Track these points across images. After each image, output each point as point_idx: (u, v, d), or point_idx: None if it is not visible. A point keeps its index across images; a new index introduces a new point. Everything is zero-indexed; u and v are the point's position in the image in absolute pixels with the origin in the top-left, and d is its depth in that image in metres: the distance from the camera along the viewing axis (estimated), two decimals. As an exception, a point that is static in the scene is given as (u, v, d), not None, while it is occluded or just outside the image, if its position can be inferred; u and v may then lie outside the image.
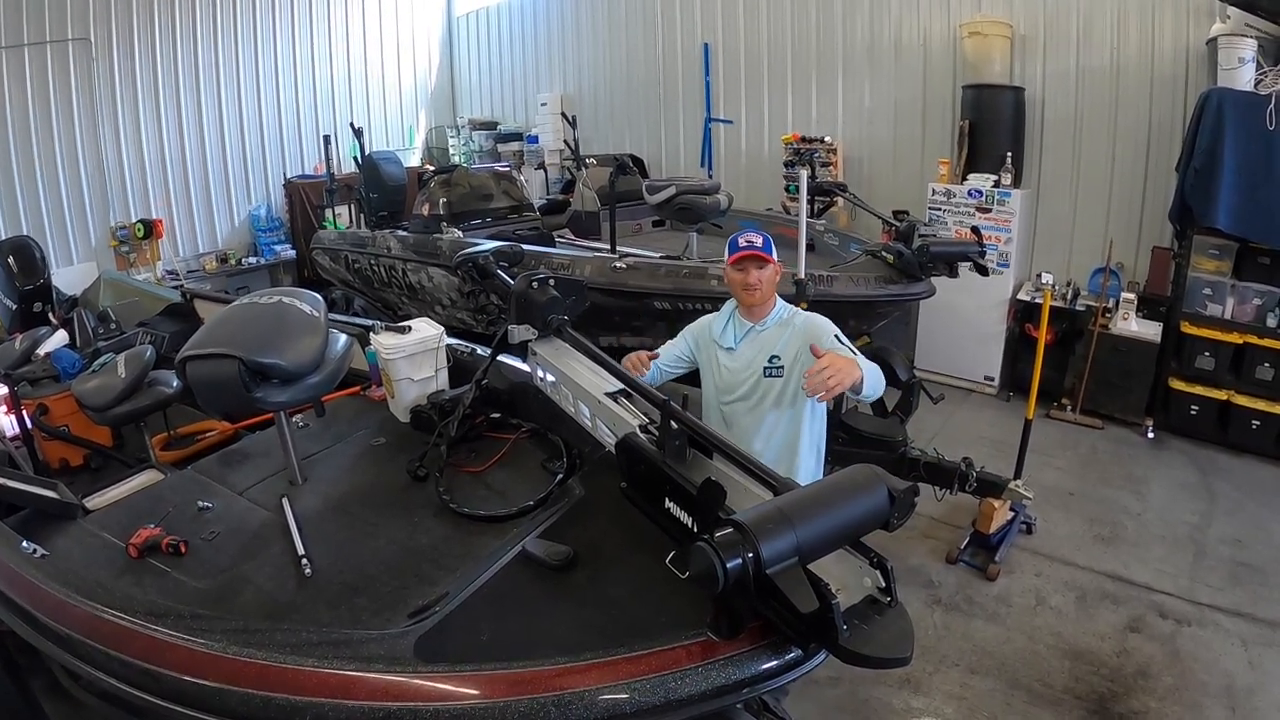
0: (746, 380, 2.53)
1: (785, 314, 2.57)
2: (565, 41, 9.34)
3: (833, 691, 3.11)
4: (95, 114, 7.41)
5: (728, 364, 2.59)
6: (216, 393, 2.16)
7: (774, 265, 2.51)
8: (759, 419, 2.53)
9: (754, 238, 2.50)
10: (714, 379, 2.64)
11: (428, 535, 2.13)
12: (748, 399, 2.54)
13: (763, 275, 2.49)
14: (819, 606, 1.28)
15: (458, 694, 1.43)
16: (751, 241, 2.48)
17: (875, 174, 6.96)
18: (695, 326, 2.74)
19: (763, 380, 2.50)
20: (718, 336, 2.62)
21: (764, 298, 2.53)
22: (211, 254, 8.44)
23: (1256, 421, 4.91)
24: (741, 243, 2.49)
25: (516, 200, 6.84)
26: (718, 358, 2.62)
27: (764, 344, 2.52)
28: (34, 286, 5.49)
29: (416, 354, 2.79)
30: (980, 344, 6.01)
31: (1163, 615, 3.57)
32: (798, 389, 2.39)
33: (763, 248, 2.47)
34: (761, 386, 2.51)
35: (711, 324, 2.67)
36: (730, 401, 2.59)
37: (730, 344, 2.58)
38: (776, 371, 2.48)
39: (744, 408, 2.56)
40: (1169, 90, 5.42)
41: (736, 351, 2.57)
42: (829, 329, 2.45)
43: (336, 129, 8.55)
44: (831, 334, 2.42)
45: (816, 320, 2.51)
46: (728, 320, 2.62)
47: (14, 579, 1.94)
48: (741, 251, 2.48)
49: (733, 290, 2.58)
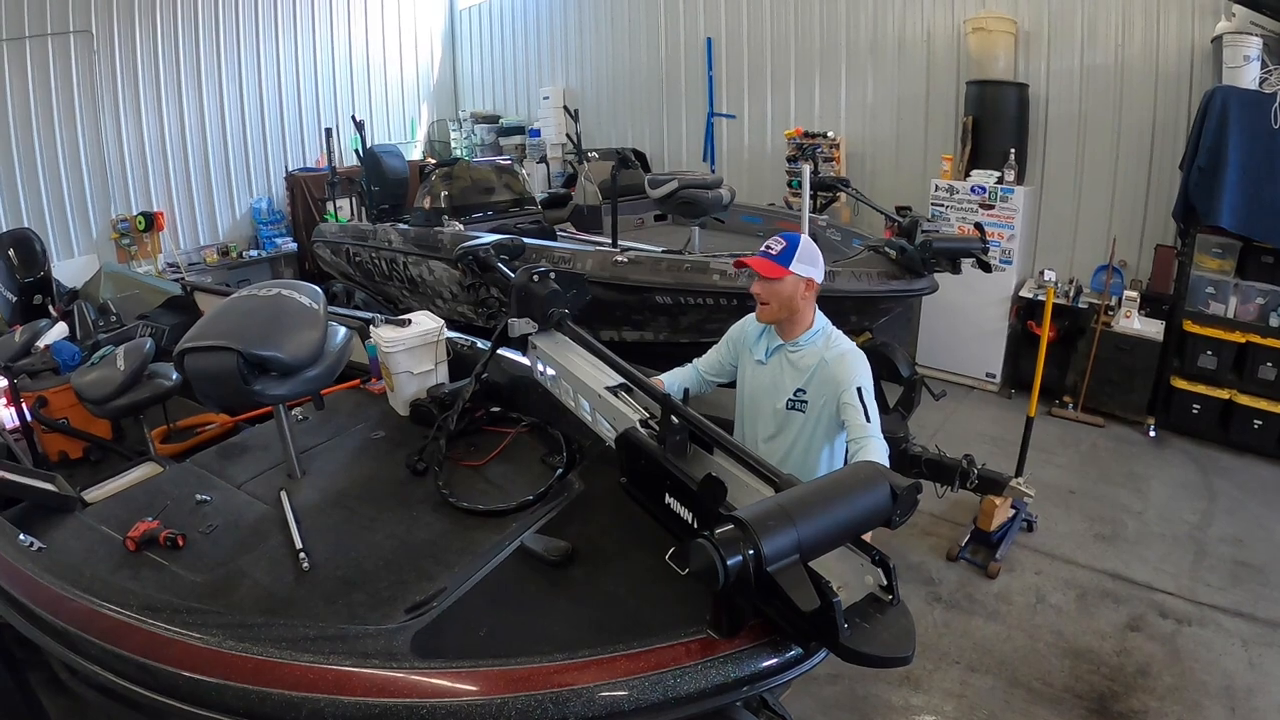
0: (766, 408, 2.38)
1: (822, 340, 2.29)
2: (568, 35, 9.32)
3: (831, 688, 3.10)
4: (96, 106, 7.39)
5: (755, 377, 2.42)
6: (215, 385, 2.15)
7: (792, 279, 2.21)
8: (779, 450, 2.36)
9: (774, 244, 2.24)
10: (745, 387, 2.48)
11: (426, 530, 2.13)
12: (770, 429, 2.39)
13: (771, 289, 2.23)
14: (820, 605, 1.27)
15: (455, 690, 1.43)
16: (768, 249, 2.24)
17: (878, 169, 6.94)
18: (734, 329, 2.53)
19: (785, 413, 2.33)
20: (752, 345, 2.43)
21: (776, 315, 2.28)
22: (212, 247, 8.42)
23: (1258, 421, 4.90)
24: (761, 248, 2.27)
25: (518, 194, 6.83)
26: (749, 367, 2.44)
27: (792, 369, 2.30)
28: (34, 279, 5.49)
29: (416, 347, 2.79)
30: (982, 341, 5.99)
31: (1163, 614, 3.56)
32: (816, 429, 2.27)
33: (778, 257, 2.20)
34: (782, 419, 2.34)
35: (747, 328, 2.47)
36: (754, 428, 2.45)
37: (761, 357, 2.39)
38: (800, 406, 2.29)
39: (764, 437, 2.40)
40: (1173, 88, 5.39)
41: (765, 366, 2.38)
42: (853, 380, 2.17)
43: (338, 122, 8.53)
44: (855, 387, 2.15)
45: (849, 365, 2.21)
46: (763, 330, 2.40)
47: (11, 572, 1.94)
48: (744, 258, 2.29)
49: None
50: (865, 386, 2.17)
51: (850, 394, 2.14)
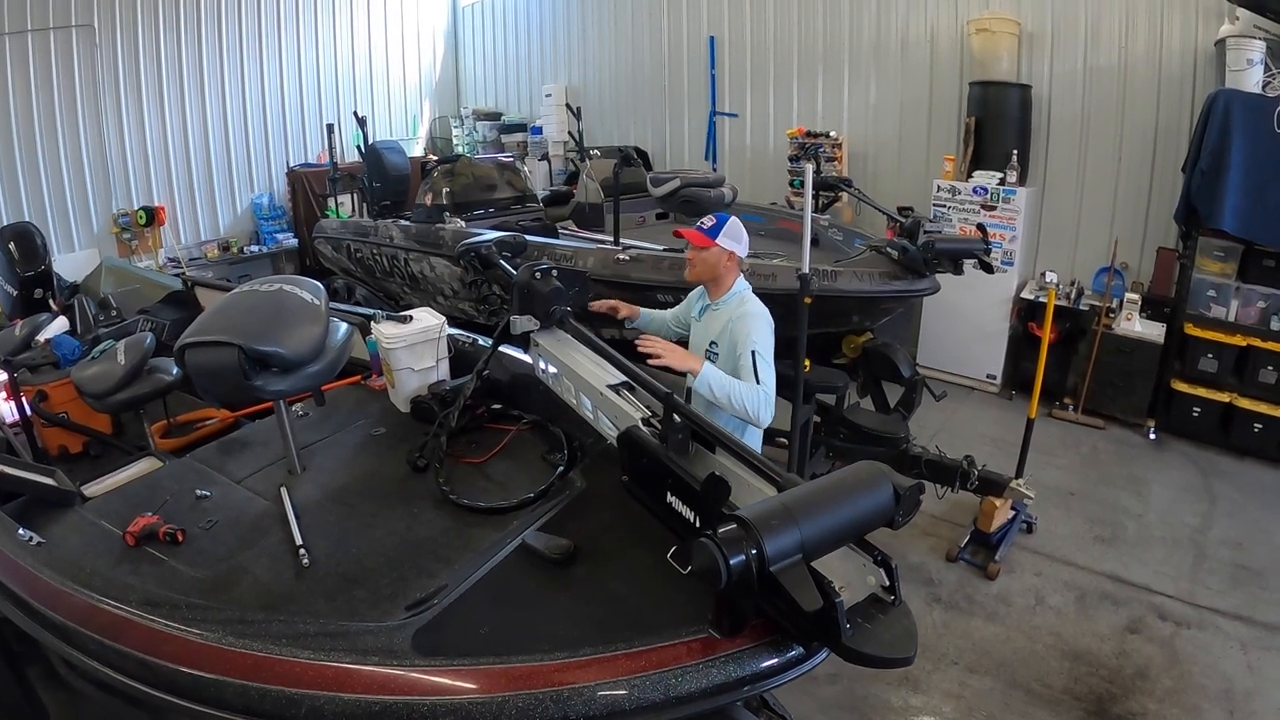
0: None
1: (735, 303, 2.67)
2: (570, 33, 9.30)
3: (831, 688, 3.10)
4: (98, 101, 7.37)
5: (693, 331, 2.83)
6: (216, 380, 2.14)
7: (718, 249, 2.64)
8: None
9: (706, 221, 2.70)
10: (690, 339, 2.87)
11: (427, 527, 2.12)
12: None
13: (699, 255, 2.66)
14: (822, 605, 1.27)
15: (455, 688, 1.42)
16: (701, 224, 2.69)
17: (880, 170, 6.93)
18: (694, 292, 2.93)
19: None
20: (694, 304, 2.87)
21: (700, 276, 2.72)
22: (214, 242, 8.41)
23: (1258, 424, 4.90)
24: (696, 224, 2.72)
25: (520, 191, 6.82)
26: (692, 323, 2.86)
27: (713, 325, 2.69)
28: (35, 273, 5.50)
29: (418, 344, 2.79)
30: (983, 342, 5.99)
31: (1162, 617, 3.56)
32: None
33: (709, 230, 2.65)
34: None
35: (694, 295, 2.91)
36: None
37: (696, 314, 2.82)
38: (713, 357, 2.62)
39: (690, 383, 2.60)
40: (1176, 90, 5.39)
41: (699, 322, 2.79)
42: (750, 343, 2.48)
43: (340, 118, 8.50)
44: (750, 350, 2.46)
45: (748, 327, 2.53)
46: (703, 293, 2.83)
47: (10, 566, 1.93)
48: (682, 230, 2.75)
49: None
50: (760, 350, 2.47)
51: (746, 357, 2.47)
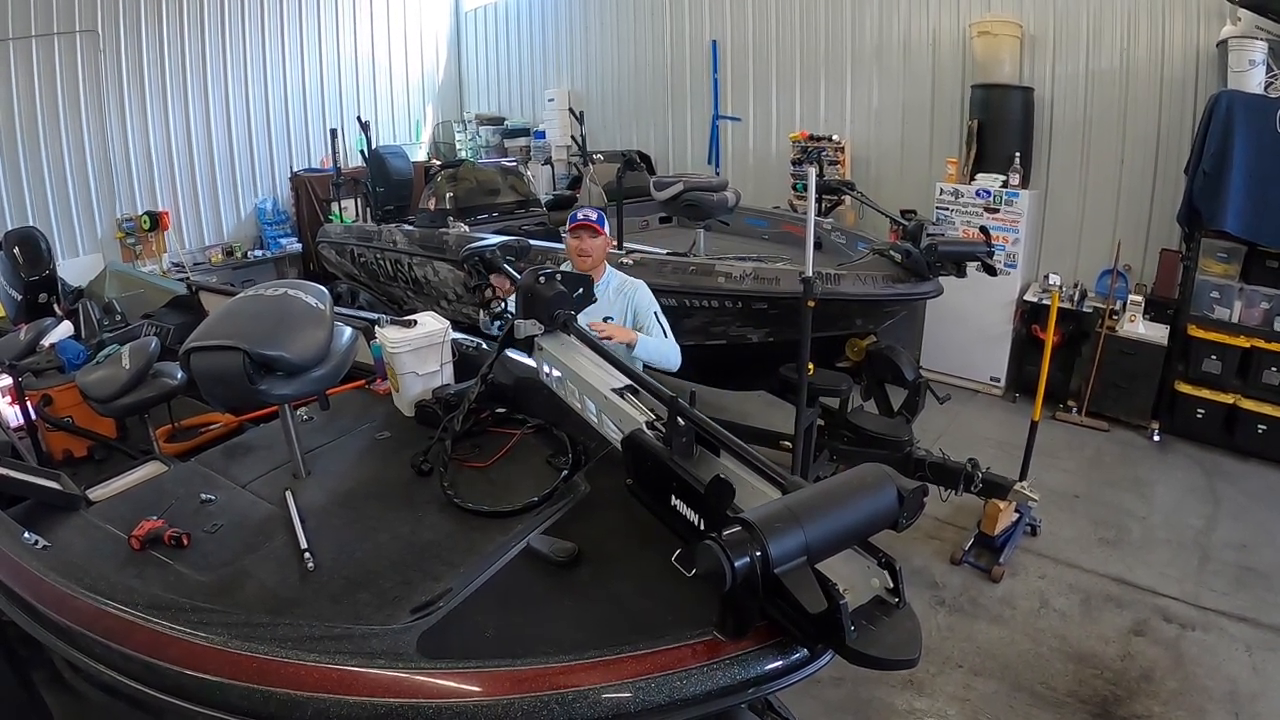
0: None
1: (617, 281, 3.17)
2: (573, 37, 9.33)
3: (835, 691, 3.10)
4: (102, 106, 7.42)
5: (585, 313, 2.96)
6: (221, 385, 2.15)
7: (604, 237, 3.13)
8: None
9: (590, 213, 3.09)
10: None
11: (431, 530, 2.12)
12: None
13: (594, 244, 3.08)
14: (827, 607, 1.27)
15: (460, 691, 1.42)
16: (587, 215, 3.07)
17: (883, 173, 6.94)
18: None
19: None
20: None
21: (595, 264, 3.12)
22: (217, 247, 8.44)
23: (1263, 426, 4.89)
24: (580, 216, 3.08)
25: (523, 195, 6.84)
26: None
27: (602, 302, 2.94)
28: (39, 277, 5.51)
29: (422, 348, 2.78)
30: (986, 345, 5.99)
31: (1167, 619, 3.55)
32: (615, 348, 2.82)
33: (596, 221, 3.07)
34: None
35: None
36: None
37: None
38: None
39: None
40: (1179, 92, 5.39)
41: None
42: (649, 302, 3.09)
43: (343, 123, 8.53)
44: (652, 311, 3.07)
45: (641, 291, 3.12)
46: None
47: (16, 570, 1.94)
48: (577, 222, 3.07)
49: (569, 255, 3.18)
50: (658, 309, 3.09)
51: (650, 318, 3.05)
